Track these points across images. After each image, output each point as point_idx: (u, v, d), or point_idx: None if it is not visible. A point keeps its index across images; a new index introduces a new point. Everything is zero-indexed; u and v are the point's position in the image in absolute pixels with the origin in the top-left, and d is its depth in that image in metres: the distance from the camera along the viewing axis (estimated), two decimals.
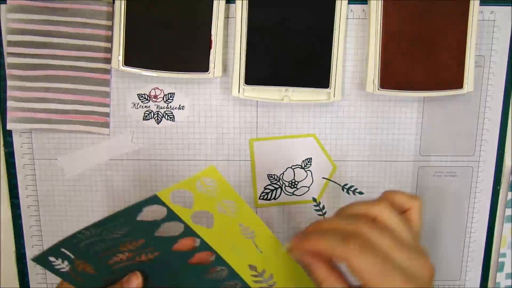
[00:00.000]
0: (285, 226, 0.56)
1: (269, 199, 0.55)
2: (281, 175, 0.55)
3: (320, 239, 0.40)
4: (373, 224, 0.40)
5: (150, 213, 0.37)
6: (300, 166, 0.55)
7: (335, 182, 0.55)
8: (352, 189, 0.55)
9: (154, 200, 0.37)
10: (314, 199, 0.55)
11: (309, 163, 0.54)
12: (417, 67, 0.49)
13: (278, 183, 0.55)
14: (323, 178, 0.55)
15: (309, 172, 0.55)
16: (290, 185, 0.55)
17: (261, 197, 0.55)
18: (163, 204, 0.37)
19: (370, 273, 0.37)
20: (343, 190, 0.55)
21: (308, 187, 0.55)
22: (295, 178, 0.55)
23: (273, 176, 0.55)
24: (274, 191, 0.55)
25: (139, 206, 0.37)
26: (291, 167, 0.55)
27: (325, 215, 0.55)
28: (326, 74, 0.50)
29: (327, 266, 0.41)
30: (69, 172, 0.55)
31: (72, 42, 0.50)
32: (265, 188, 0.55)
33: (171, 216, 0.38)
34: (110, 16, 0.50)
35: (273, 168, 0.55)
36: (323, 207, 0.56)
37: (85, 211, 0.54)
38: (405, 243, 0.40)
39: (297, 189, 0.55)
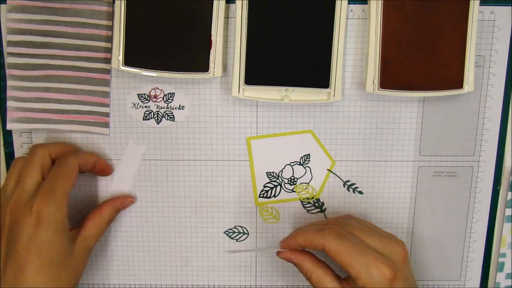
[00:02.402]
0: (286, 225, 0.56)
1: (269, 197, 0.55)
2: (280, 173, 0.55)
3: (301, 234, 0.48)
4: (344, 220, 0.50)
5: None
6: (298, 163, 0.55)
7: (336, 175, 0.55)
8: (353, 186, 0.55)
9: None
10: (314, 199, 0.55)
11: (307, 160, 0.54)
12: (417, 67, 0.49)
13: (277, 180, 0.55)
14: (327, 170, 0.54)
15: (308, 169, 0.55)
16: (289, 182, 0.55)
17: (261, 195, 0.55)
18: None
19: (347, 253, 0.44)
20: (344, 186, 0.55)
21: (308, 184, 0.55)
22: (294, 175, 0.55)
23: (272, 174, 0.55)
24: (274, 188, 0.55)
25: None
26: (289, 164, 0.55)
27: (325, 211, 0.56)
28: (326, 74, 0.50)
29: (313, 259, 0.49)
30: None
31: (72, 42, 0.50)
32: (264, 186, 0.55)
33: None
34: (110, 16, 0.50)
35: (271, 165, 0.55)
36: (323, 204, 0.56)
37: (85, 211, 0.54)
38: (375, 230, 0.49)
39: (297, 185, 0.55)
